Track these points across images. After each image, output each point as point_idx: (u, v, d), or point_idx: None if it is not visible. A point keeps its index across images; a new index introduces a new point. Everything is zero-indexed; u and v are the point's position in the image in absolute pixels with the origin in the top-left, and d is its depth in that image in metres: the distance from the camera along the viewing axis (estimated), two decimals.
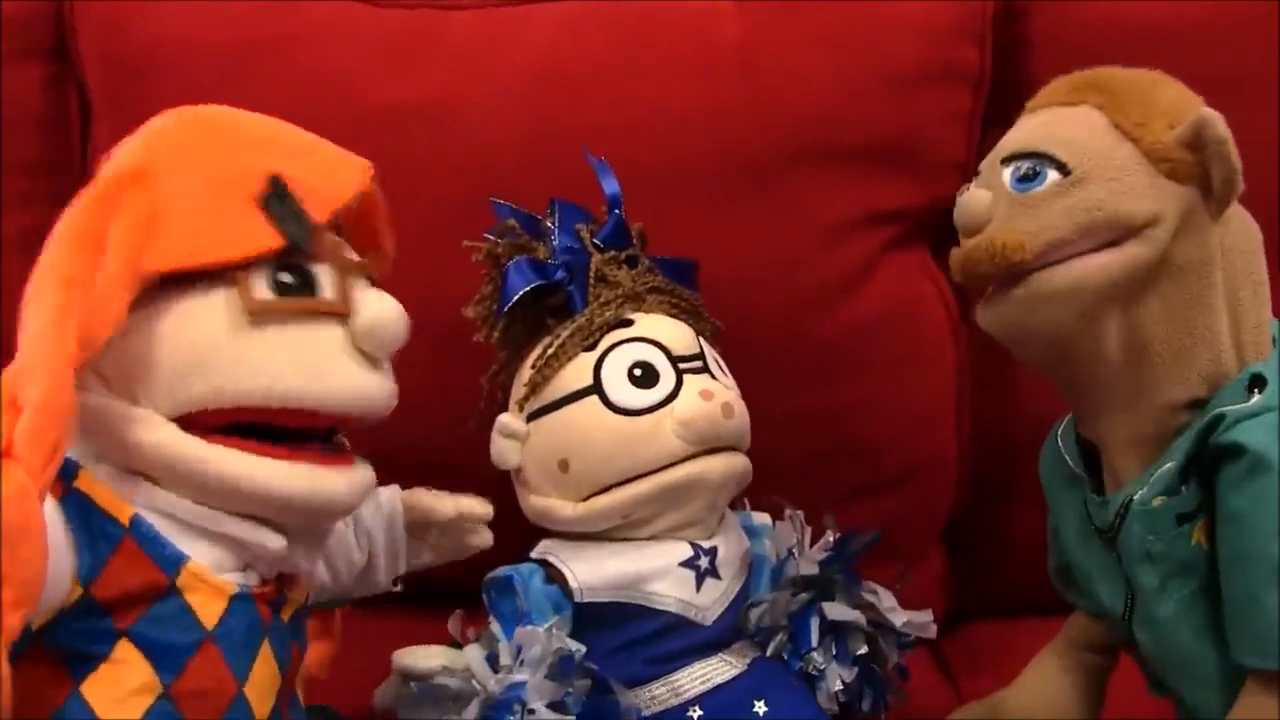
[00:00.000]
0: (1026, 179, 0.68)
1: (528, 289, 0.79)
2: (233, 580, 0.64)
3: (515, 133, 0.96)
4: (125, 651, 0.61)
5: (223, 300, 0.63)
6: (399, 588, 0.82)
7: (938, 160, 1.00)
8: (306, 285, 0.65)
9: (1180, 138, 0.67)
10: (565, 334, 0.78)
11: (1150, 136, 0.67)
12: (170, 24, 0.99)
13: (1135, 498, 0.69)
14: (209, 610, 0.63)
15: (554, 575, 0.77)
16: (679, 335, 0.79)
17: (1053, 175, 0.68)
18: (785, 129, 0.97)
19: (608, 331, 0.78)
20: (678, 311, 0.81)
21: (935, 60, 1.00)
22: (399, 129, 0.96)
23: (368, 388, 0.66)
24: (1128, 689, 0.79)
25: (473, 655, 0.75)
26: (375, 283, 0.69)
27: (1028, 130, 0.71)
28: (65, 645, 0.61)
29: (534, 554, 0.78)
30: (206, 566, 0.63)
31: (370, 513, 0.79)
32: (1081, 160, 0.67)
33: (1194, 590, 0.69)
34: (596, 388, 0.77)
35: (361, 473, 0.68)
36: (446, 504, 0.81)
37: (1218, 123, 0.66)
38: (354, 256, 0.68)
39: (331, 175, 0.68)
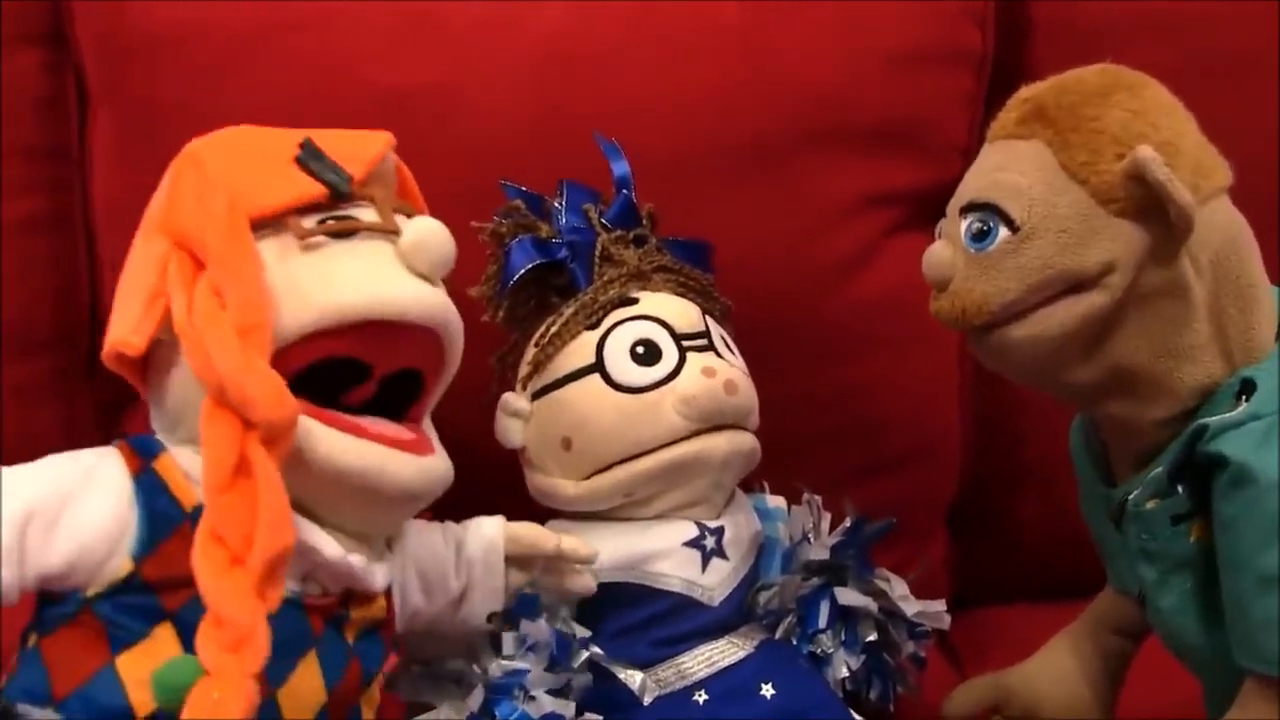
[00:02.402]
0: (979, 237, 0.68)
1: (529, 267, 0.79)
2: (284, 588, 0.63)
3: (520, 116, 0.95)
4: (165, 632, 0.62)
5: (274, 243, 0.66)
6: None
7: (941, 142, 1.00)
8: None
9: (1125, 172, 0.66)
10: (569, 312, 0.79)
11: (1097, 177, 0.66)
12: (169, 8, 0.98)
13: (1130, 499, 0.69)
14: None
15: None
16: (683, 313, 0.79)
17: (1003, 232, 0.67)
18: (789, 111, 0.97)
19: (611, 310, 0.79)
20: (685, 290, 0.81)
21: (938, 42, 1.00)
22: (403, 113, 0.95)
23: (425, 295, 0.68)
24: (1153, 668, 0.79)
25: (479, 640, 0.75)
26: None
27: (982, 175, 0.71)
28: (111, 618, 0.62)
29: None
30: None
31: (474, 541, 0.77)
32: (1029, 213, 0.67)
33: (1194, 584, 0.69)
34: (599, 365, 0.77)
35: (433, 462, 0.69)
36: (549, 540, 0.77)
37: (1154, 165, 0.64)
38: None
39: (356, 142, 0.72)
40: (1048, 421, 0.80)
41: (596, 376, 0.77)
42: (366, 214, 0.68)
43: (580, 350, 0.78)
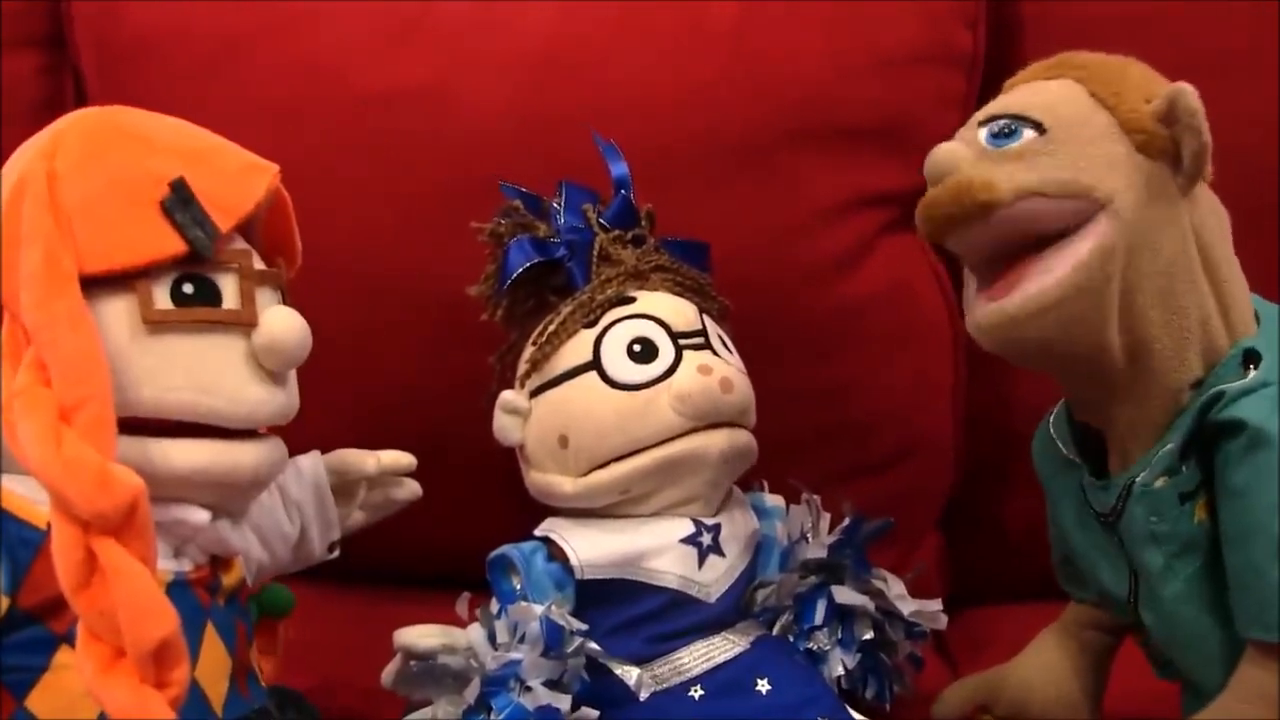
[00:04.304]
0: (1002, 135, 0.68)
1: (527, 265, 0.80)
2: (166, 569, 0.63)
3: (509, 115, 0.96)
4: (66, 657, 0.60)
5: (123, 308, 0.63)
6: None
7: (931, 142, 0.96)
8: (209, 295, 0.65)
9: (1155, 111, 0.67)
10: (566, 311, 0.79)
11: (1125, 105, 0.68)
12: (165, 11, 0.99)
13: (1137, 480, 0.69)
14: None
15: (556, 553, 0.76)
16: (680, 312, 0.79)
17: (1029, 134, 0.68)
18: (779, 110, 0.97)
19: (609, 308, 0.79)
20: (682, 289, 0.81)
21: (929, 43, 1.00)
22: (393, 113, 0.96)
23: (261, 403, 0.66)
24: (1133, 672, 0.79)
25: (473, 634, 0.75)
26: (285, 290, 0.69)
27: (1006, 97, 0.72)
28: (4, 664, 0.60)
29: (537, 532, 0.78)
30: None
31: (296, 484, 0.78)
32: (1057, 122, 0.68)
33: (1199, 568, 0.69)
34: (596, 363, 0.77)
35: (270, 446, 0.68)
36: (368, 460, 0.80)
37: (1190, 95, 0.66)
38: (260, 264, 0.68)
39: (236, 181, 0.68)
40: (1039, 420, 0.80)
41: (594, 374, 0.77)
42: (228, 285, 0.65)
43: (577, 348, 0.78)
